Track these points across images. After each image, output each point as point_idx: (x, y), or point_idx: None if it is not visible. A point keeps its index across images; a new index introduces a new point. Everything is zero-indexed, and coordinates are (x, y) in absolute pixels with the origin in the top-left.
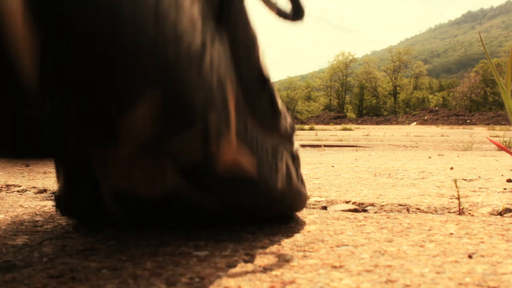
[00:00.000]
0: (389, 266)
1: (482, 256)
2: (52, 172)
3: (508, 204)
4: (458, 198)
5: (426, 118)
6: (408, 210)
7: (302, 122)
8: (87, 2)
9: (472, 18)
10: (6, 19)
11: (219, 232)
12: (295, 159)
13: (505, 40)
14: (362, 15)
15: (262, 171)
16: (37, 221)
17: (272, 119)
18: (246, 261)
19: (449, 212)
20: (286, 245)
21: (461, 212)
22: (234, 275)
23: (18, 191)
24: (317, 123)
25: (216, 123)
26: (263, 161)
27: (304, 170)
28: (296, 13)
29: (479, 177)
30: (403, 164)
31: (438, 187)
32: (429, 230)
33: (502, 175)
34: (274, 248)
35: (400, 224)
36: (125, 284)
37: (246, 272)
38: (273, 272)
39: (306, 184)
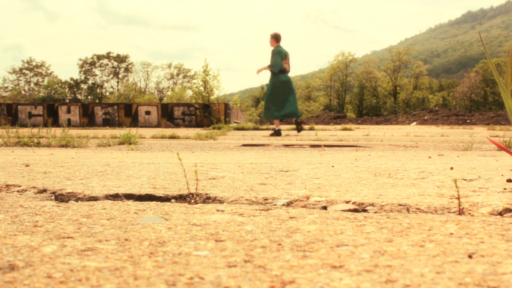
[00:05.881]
0: (389, 266)
1: (482, 256)
2: (52, 172)
3: (508, 204)
4: (458, 198)
5: (426, 118)
6: (408, 210)
7: (302, 122)
8: None
9: (472, 18)
10: None
11: (219, 232)
12: None
13: (505, 40)
14: (361, 15)
15: None
16: (37, 221)
17: None
18: (246, 261)
19: (449, 212)
20: (286, 245)
21: (461, 212)
22: (234, 275)
23: (18, 191)
24: (317, 123)
25: None
26: None
27: (304, 170)
28: None
29: (479, 177)
30: (403, 164)
31: (438, 187)
32: (429, 230)
33: (502, 175)
34: (273, 247)
35: (400, 224)
36: (125, 284)
37: (246, 272)
38: (273, 272)
39: (306, 184)
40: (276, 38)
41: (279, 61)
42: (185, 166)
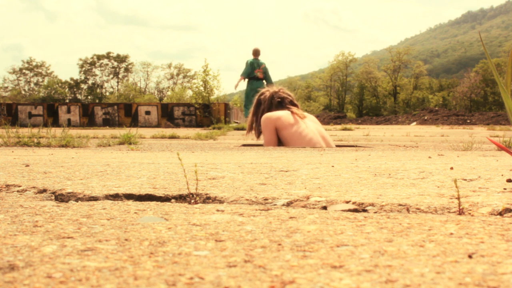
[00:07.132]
0: (389, 266)
1: (482, 256)
2: (52, 172)
3: (508, 204)
4: (458, 198)
5: (426, 118)
6: (408, 210)
7: None
8: None
9: (472, 18)
10: None
11: (219, 232)
12: None
13: (505, 40)
14: (361, 15)
15: None
16: (37, 221)
17: None
18: (246, 261)
19: (449, 212)
20: (286, 245)
21: (461, 212)
22: (234, 275)
23: (18, 191)
24: None
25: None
26: None
27: (304, 170)
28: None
29: (479, 177)
30: (403, 164)
31: (438, 187)
32: (429, 230)
33: (502, 175)
34: (273, 247)
35: (400, 224)
36: (125, 284)
37: (246, 272)
38: (273, 272)
39: (306, 184)
40: (254, 52)
41: (247, 70)
42: (185, 166)
